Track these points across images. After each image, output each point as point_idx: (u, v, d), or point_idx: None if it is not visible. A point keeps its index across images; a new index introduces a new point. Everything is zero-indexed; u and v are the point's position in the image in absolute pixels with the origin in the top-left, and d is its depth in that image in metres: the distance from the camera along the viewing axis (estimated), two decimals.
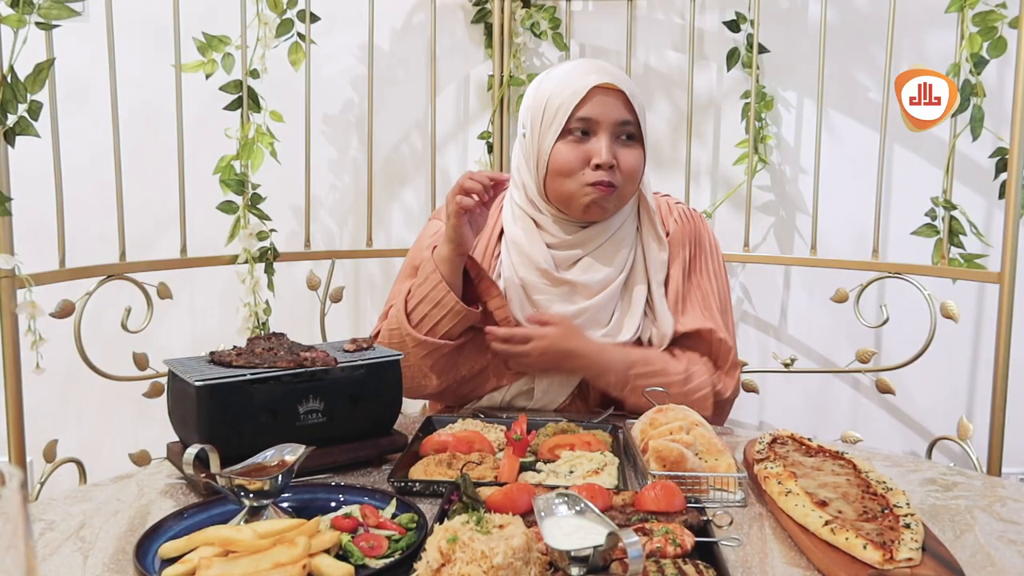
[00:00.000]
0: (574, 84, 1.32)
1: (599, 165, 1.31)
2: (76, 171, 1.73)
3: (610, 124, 1.32)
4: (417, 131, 2.30)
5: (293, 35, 1.91)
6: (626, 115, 1.33)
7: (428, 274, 1.34)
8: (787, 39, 2.18)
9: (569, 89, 1.32)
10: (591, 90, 1.31)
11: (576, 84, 1.32)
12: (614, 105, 1.32)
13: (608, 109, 1.32)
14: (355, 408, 1.14)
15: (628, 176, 1.34)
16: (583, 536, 0.76)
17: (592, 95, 1.31)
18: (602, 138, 1.32)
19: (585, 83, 1.31)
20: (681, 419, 1.13)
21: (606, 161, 1.30)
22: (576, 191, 1.34)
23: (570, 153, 1.32)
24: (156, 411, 1.39)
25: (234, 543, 0.82)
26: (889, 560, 0.80)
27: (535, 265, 1.39)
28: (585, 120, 1.32)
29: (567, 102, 1.31)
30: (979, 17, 1.76)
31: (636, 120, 1.34)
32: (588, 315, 1.38)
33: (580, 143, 1.33)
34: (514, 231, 1.42)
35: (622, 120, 1.33)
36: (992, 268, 1.80)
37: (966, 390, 2.24)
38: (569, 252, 1.39)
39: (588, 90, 1.31)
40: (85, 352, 1.71)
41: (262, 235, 1.92)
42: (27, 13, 1.45)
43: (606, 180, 1.31)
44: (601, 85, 1.31)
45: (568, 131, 1.33)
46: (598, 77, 1.31)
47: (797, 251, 2.24)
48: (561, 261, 1.39)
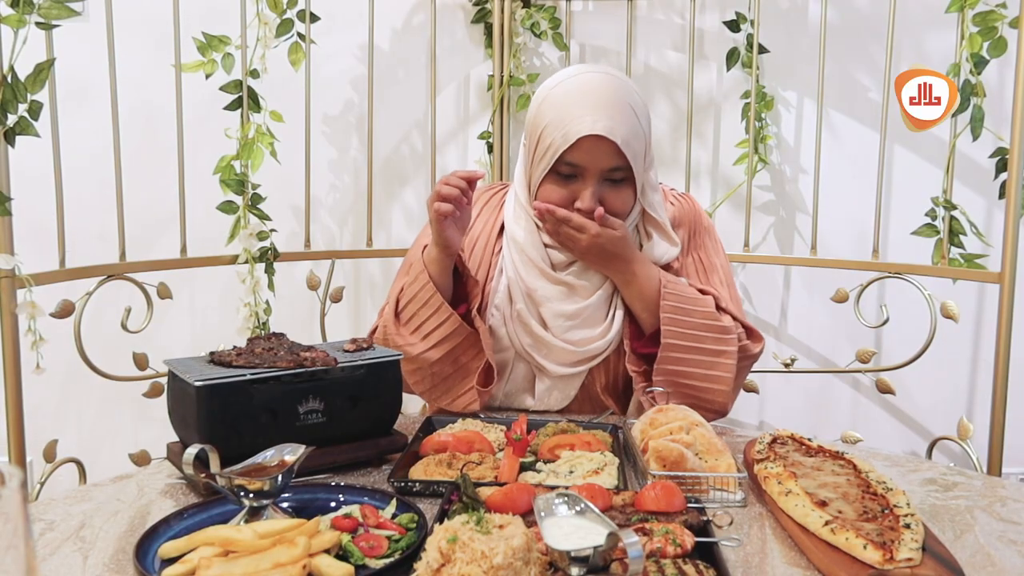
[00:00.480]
0: (567, 126, 1.29)
1: (580, 210, 1.33)
2: (76, 171, 1.73)
3: (597, 171, 1.31)
4: (417, 131, 2.30)
5: (293, 35, 1.91)
6: (615, 162, 1.31)
7: (417, 274, 1.36)
8: (787, 39, 2.18)
9: (561, 131, 1.29)
10: (581, 138, 1.28)
11: (568, 127, 1.29)
12: (604, 153, 1.29)
13: (597, 157, 1.30)
14: (355, 408, 1.14)
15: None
16: (583, 536, 0.76)
17: (582, 143, 1.28)
18: (588, 183, 1.32)
19: (577, 130, 1.28)
20: (681, 419, 1.13)
21: (588, 207, 1.31)
22: (556, 227, 1.35)
23: (555, 193, 1.34)
24: (156, 411, 1.39)
25: (234, 543, 0.82)
26: (889, 560, 0.80)
27: (534, 264, 1.40)
28: (572, 165, 1.32)
29: (557, 144, 1.30)
30: (979, 17, 1.76)
31: (627, 164, 1.31)
32: (587, 314, 1.39)
33: (566, 184, 1.34)
34: (515, 229, 1.43)
35: (611, 167, 1.31)
36: (992, 268, 1.80)
37: (966, 390, 2.24)
38: (564, 255, 1.40)
39: (578, 138, 1.28)
40: (85, 352, 1.71)
41: (262, 235, 1.93)
42: (27, 13, 1.45)
43: None
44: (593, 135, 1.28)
45: (556, 171, 1.33)
46: (591, 124, 1.27)
47: (797, 251, 2.24)
48: (559, 262, 1.41)
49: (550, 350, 1.39)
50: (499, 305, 1.42)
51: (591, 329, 1.39)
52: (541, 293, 1.39)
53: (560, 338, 1.38)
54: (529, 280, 1.40)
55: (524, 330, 1.40)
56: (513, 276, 1.41)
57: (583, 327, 1.39)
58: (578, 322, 1.38)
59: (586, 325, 1.39)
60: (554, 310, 1.38)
